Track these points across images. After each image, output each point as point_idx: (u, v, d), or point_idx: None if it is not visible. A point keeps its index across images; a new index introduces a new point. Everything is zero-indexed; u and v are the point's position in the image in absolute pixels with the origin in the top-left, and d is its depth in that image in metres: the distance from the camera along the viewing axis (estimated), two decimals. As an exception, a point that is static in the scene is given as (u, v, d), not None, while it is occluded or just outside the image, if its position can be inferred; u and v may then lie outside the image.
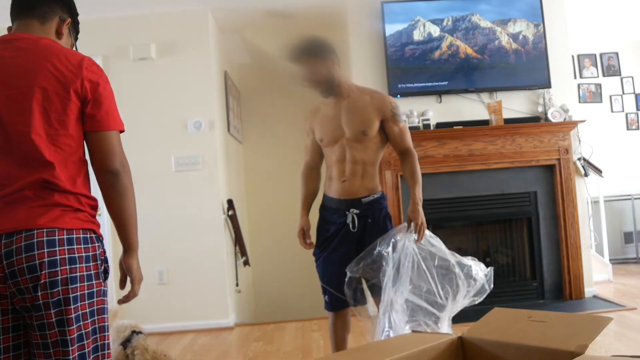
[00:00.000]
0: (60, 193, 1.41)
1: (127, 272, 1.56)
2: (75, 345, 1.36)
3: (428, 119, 4.28)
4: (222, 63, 4.90)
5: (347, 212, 2.36)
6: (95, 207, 1.50)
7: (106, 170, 1.47)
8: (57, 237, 1.37)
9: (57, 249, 1.36)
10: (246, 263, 4.84)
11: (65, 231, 1.38)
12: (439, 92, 4.38)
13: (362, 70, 4.43)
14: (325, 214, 2.45)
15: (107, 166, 1.47)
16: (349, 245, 2.39)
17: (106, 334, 1.45)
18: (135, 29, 4.34)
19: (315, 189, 2.59)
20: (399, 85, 4.33)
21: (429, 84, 4.35)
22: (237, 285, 4.59)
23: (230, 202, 4.57)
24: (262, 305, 5.63)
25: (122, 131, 1.52)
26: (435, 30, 4.36)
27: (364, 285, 2.49)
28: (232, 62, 5.53)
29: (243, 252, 4.75)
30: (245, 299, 5.13)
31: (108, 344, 1.47)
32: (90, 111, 1.45)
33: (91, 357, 1.40)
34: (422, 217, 2.31)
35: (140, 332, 2.87)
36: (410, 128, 4.23)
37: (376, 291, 2.44)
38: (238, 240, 4.70)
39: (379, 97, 2.41)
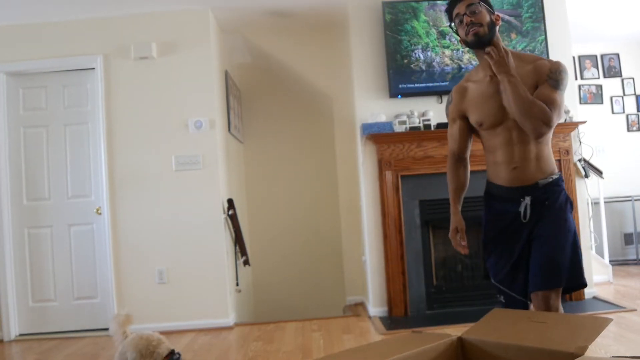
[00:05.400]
0: None
1: None
2: None
3: (429, 120, 4.28)
4: (222, 62, 4.90)
5: (521, 200, 2.01)
6: None
7: None
8: None
9: None
10: (246, 263, 4.84)
11: None
12: (439, 93, 4.37)
13: (363, 70, 4.43)
14: (495, 204, 2.12)
15: None
16: (520, 240, 2.05)
17: None
18: (136, 28, 4.34)
19: (466, 180, 2.24)
20: (400, 86, 4.33)
21: (430, 84, 4.35)
22: (237, 284, 4.59)
23: (230, 202, 4.56)
24: (262, 305, 5.62)
25: None
26: (435, 30, 4.35)
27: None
28: (232, 62, 5.53)
29: (243, 252, 4.75)
30: (245, 298, 5.13)
31: None
32: None
33: None
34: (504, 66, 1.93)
35: (178, 354, 2.38)
36: (411, 128, 4.23)
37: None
38: (238, 240, 4.70)
39: (542, 63, 1.99)
